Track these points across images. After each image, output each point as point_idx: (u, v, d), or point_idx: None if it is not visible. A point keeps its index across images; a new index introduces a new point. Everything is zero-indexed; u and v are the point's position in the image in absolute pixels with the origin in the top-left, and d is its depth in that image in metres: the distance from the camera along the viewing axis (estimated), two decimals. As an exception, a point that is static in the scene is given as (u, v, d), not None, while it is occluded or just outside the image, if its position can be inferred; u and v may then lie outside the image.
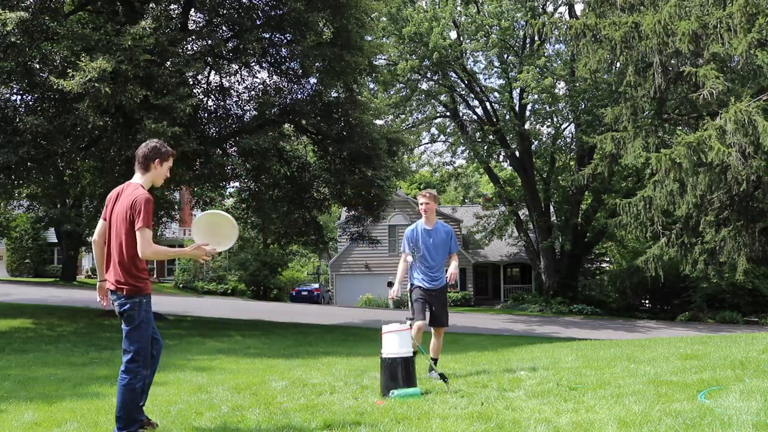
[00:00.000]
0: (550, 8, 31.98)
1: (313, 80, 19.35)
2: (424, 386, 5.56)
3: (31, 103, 16.41)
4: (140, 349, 3.94)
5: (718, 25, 13.01)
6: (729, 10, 12.91)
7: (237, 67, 18.66)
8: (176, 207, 26.29)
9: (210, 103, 18.99)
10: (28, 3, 14.93)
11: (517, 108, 32.52)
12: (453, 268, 6.31)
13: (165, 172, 4.15)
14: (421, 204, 6.34)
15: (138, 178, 4.09)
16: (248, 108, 19.59)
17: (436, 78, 31.69)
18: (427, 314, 6.39)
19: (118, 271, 3.93)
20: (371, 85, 29.30)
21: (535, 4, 29.91)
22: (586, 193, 32.73)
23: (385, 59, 29.96)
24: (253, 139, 15.86)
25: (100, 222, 4.13)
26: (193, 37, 17.44)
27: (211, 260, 3.95)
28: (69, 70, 13.81)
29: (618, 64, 19.07)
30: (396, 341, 5.39)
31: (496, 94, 33.47)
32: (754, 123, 12.01)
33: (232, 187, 21.91)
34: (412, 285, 6.42)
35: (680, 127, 16.75)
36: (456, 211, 42.42)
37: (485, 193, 40.81)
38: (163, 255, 4.23)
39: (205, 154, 15.61)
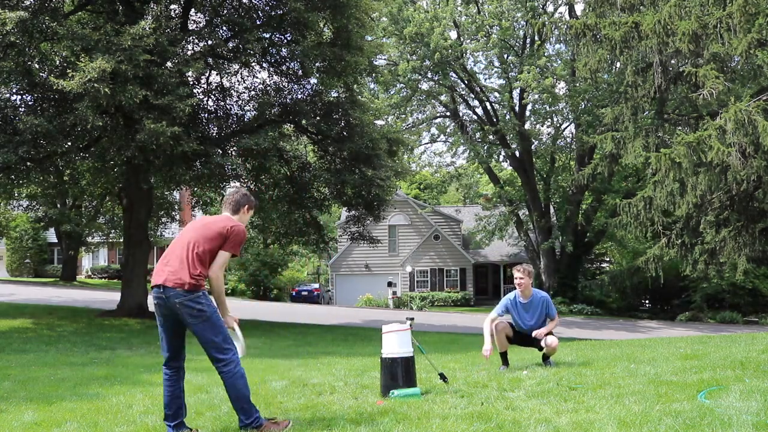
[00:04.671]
0: (550, 8, 31.99)
1: (313, 80, 19.35)
2: (424, 386, 5.55)
3: (31, 103, 16.41)
4: (225, 338, 4.06)
5: (718, 25, 12.97)
6: (729, 10, 12.87)
7: (237, 67, 18.67)
8: (176, 207, 26.33)
9: (210, 103, 19.00)
10: (28, 3, 14.92)
11: (517, 108, 32.51)
12: (545, 329, 6.64)
13: (248, 220, 4.40)
14: (516, 278, 6.63)
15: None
16: (248, 108, 19.61)
17: (436, 78, 31.68)
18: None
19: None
20: (372, 86, 29.30)
21: (535, 4, 29.89)
22: (586, 193, 32.71)
23: (385, 59, 29.95)
24: (253, 139, 15.85)
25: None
26: (193, 37, 17.43)
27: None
28: (69, 70, 13.80)
29: (618, 64, 19.06)
30: (396, 341, 5.39)
31: (496, 94, 33.46)
32: (754, 123, 11.99)
33: (232, 187, 21.90)
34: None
35: (680, 127, 16.73)
36: (459, 212, 42.47)
37: (485, 193, 40.81)
38: (219, 288, 4.25)
39: (205, 154, 15.60)
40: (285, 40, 18.24)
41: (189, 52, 16.78)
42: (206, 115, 18.45)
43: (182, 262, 4.01)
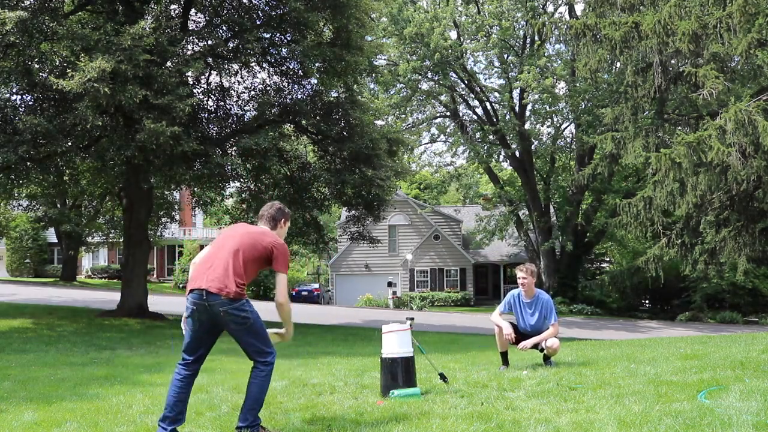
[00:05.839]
0: (550, 8, 32.00)
1: (313, 80, 19.35)
2: (424, 386, 5.55)
3: (31, 103, 16.41)
4: (266, 341, 4.16)
5: (718, 25, 12.98)
6: (729, 10, 12.87)
7: (237, 67, 18.66)
8: (176, 207, 26.31)
9: (210, 103, 19.00)
10: (28, 3, 14.92)
11: (517, 108, 32.51)
12: (548, 333, 6.59)
13: (285, 233, 4.44)
14: (519, 278, 6.62)
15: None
16: (248, 108, 19.60)
17: (436, 78, 31.68)
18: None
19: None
20: (372, 86, 29.29)
21: (535, 4, 29.90)
22: (586, 193, 32.71)
23: (385, 59, 29.95)
24: (253, 139, 15.85)
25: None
26: (193, 37, 17.42)
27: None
28: (69, 70, 13.80)
29: (618, 64, 19.06)
30: (396, 341, 5.38)
31: (496, 94, 33.46)
32: (754, 123, 11.99)
33: (232, 187, 21.90)
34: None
35: (680, 127, 16.73)
36: (459, 212, 42.47)
37: (485, 193, 40.79)
38: (289, 312, 4.44)
39: (205, 154, 15.60)
40: (285, 40, 18.24)
41: (189, 52, 16.78)
42: (206, 115, 18.44)
43: (227, 270, 3.97)
